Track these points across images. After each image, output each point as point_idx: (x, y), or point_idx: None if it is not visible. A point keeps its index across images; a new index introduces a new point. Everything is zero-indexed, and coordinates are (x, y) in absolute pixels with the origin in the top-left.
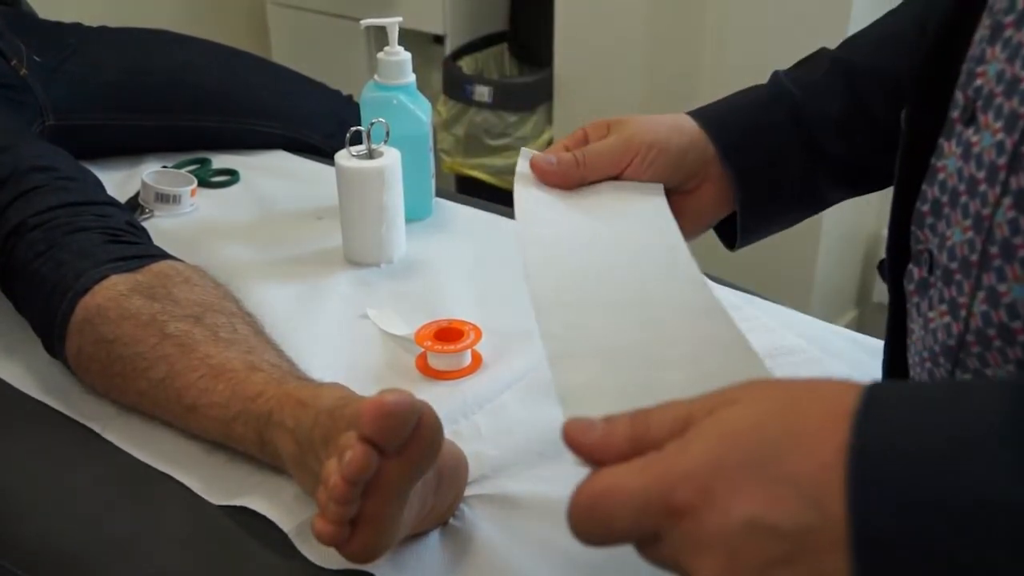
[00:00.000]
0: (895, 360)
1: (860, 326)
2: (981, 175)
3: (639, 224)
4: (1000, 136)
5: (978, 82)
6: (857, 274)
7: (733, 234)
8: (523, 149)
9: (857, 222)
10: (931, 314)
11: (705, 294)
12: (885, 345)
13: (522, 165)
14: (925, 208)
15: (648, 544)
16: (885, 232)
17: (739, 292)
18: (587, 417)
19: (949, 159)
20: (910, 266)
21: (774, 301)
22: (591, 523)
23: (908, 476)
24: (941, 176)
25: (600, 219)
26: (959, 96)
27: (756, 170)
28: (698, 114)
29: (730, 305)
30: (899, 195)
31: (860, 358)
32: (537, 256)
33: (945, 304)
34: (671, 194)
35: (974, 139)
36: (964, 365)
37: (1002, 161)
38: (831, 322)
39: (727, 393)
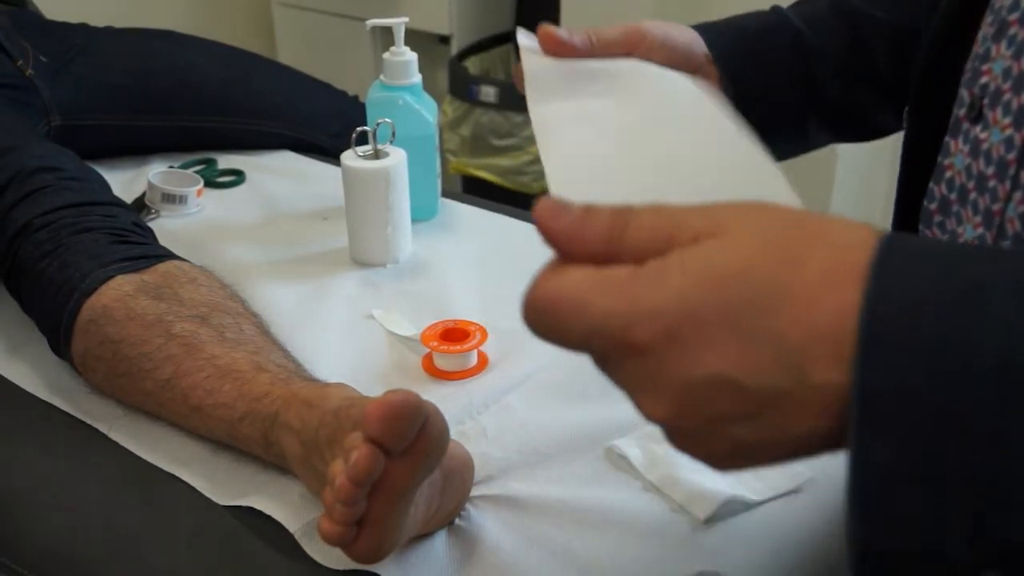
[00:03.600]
0: None
1: None
2: (990, 171)
3: (671, 85)
4: (1009, 132)
5: (984, 79)
6: None
7: None
8: (520, 28)
9: (864, 219)
10: None
11: (742, 141)
12: None
13: (525, 40)
14: (933, 206)
15: (599, 361)
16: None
17: None
18: (563, 200)
19: (956, 157)
20: None
21: None
22: (543, 326)
23: (924, 355)
24: (948, 174)
25: (630, 83)
26: (964, 94)
27: (750, 88)
28: (699, 25)
29: None
30: (903, 194)
31: None
32: (558, 139)
33: None
34: None
35: (982, 136)
36: None
37: (1011, 156)
38: None
39: (718, 215)
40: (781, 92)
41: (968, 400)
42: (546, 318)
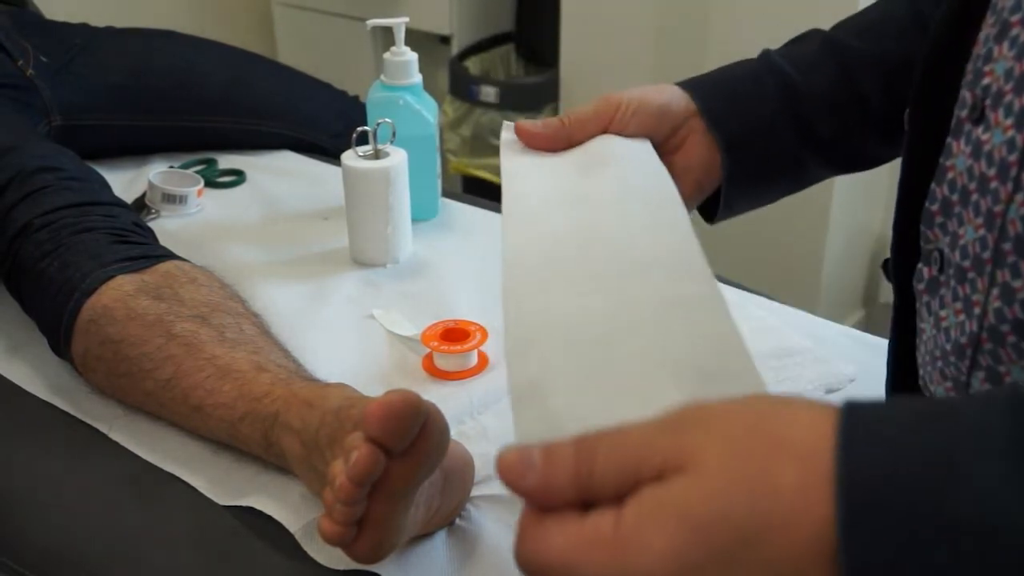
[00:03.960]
0: (901, 359)
1: (867, 326)
2: (992, 172)
3: (627, 173)
4: (1011, 133)
5: (986, 80)
6: (864, 274)
7: (713, 208)
8: (505, 122)
9: (864, 222)
10: (943, 312)
11: (691, 256)
12: (890, 344)
13: (507, 134)
14: (934, 207)
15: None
16: (891, 232)
17: (745, 292)
18: (523, 449)
19: (958, 158)
20: (919, 265)
21: (780, 301)
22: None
23: (901, 549)
24: (950, 175)
25: (587, 169)
26: (966, 95)
27: (742, 135)
28: (683, 82)
29: (734, 304)
30: (904, 195)
31: (867, 358)
32: (519, 221)
33: (959, 302)
34: (659, 153)
35: (984, 137)
36: (977, 362)
37: (1013, 157)
38: (838, 322)
39: (680, 440)
40: (772, 138)
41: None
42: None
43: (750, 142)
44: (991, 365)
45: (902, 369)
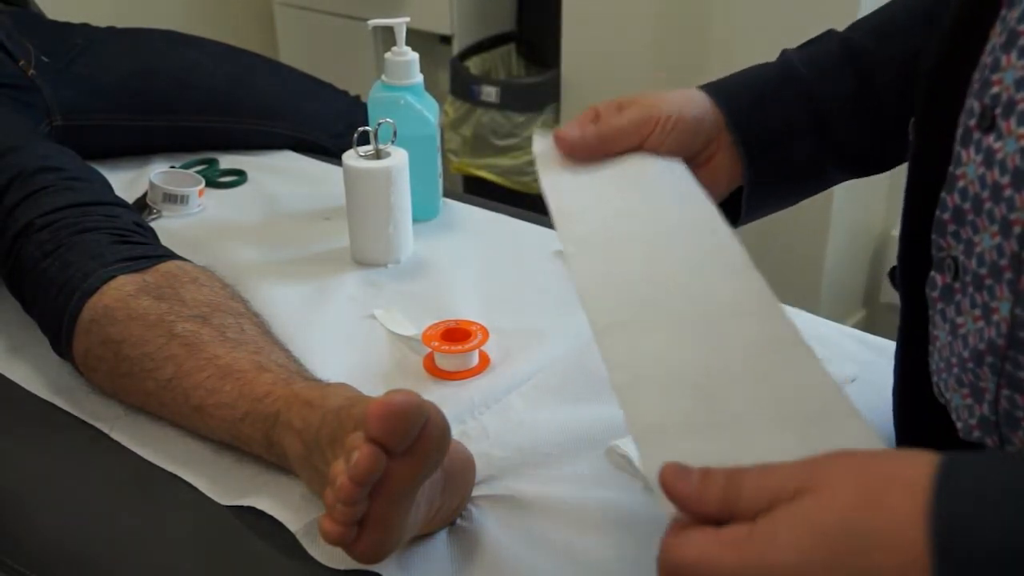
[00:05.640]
0: (911, 366)
1: (869, 326)
2: (1006, 180)
3: (675, 204)
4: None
5: (995, 89)
6: (865, 274)
7: (735, 211)
8: (537, 130)
9: (865, 222)
10: (960, 319)
11: (762, 295)
12: (897, 352)
13: (540, 145)
14: (946, 216)
15: None
16: (894, 233)
17: None
18: (684, 466)
19: (968, 166)
20: (932, 273)
21: (782, 301)
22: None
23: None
24: (961, 183)
25: (638, 197)
26: (975, 104)
27: (764, 143)
28: (708, 87)
29: None
30: (912, 204)
31: (869, 358)
32: (584, 255)
33: (978, 309)
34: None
35: (996, 145)
36: (996, 369)
37: None
38: (840, 322)
39: (813, 469)
40: (794, 147)
41: None
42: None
43: (773, 153)
44: (1012, 372)
45: (911, 377)
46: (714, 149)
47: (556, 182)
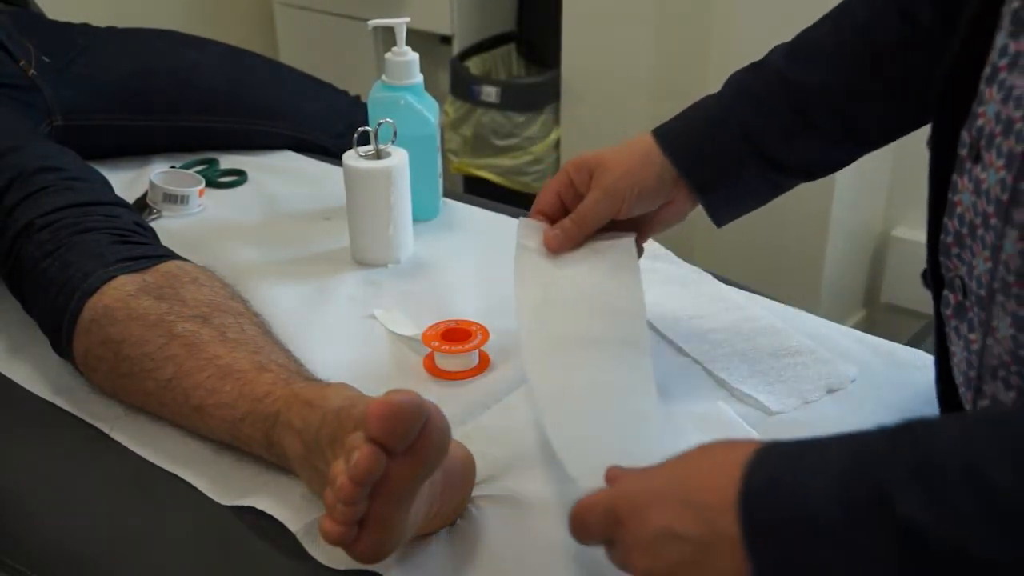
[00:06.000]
0: (944, 377)
1: (868, 327)
2: (991, 209)
3: (613, 297)
4: (1002, 173)
5: (980, 122)
6: (865, 274)
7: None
8: (521, 219)
9: (864, 222)
10: (972, 336)
11: (639, 358)
12: (936, 363)
13: (523, 236)
14: (949, 240)
15: (610, 548)
16: (894, 233)
17: (746, 292)
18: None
19: (963, 194)
20: (945, 292)
21: (782, 302)
22: (575, 527)
23: (776, 510)
24: (959, 210)
25: (582, 289)
26: (965, 135)
27: (714, 182)
28: (661, 135)
29: (735, 305)
30: (928, 226)
31: (868, 358)
32: (530, 321)
33: (984, 327)
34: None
35: (982, 176)
36: (1008, 383)
37: (1005, 196)
38: (839, 322)
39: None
40: (743, 179)
41: (805, 528)
42: (576, 521)
43: (724, 188)
44: (1020, 385)
45: (946, 387)
46: (675, 193)
47: (524, 269)
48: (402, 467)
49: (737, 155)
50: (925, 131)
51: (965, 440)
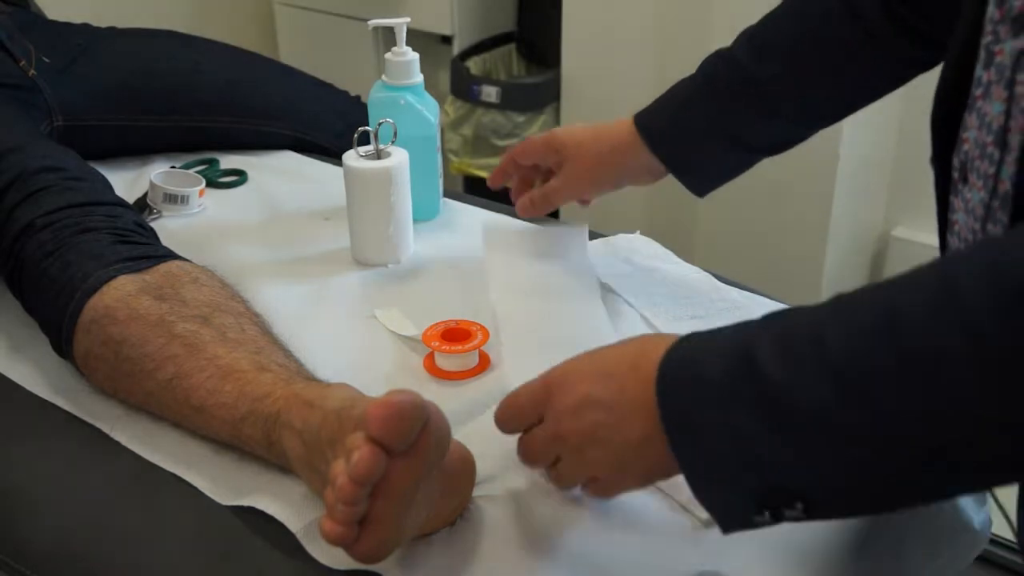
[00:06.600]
0: None
1: None
2: (977, 227)
3: (569, 279)
4: (982, 194)
5: (965, 147)
6: (865, 274)
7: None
8: (484, 231)
9: (865, 222)
10: None
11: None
12: None
13: (488, 236)
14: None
15: (552, 468)
16: (894, 233)
17: (746, 292)
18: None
19: (959, 213)
20: None
21: (782, 302)
22: (508, 408)
23: (679, 376)
24: (956, 227)
25: (541, 269)
26: (955, 159)
27: (690, 163)
28: (642, 126)
29: (735, 305)
30: (940, 240)
31: None
32: (504, 307)
33: None
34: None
35: (968, 196)
36: None
37: (983, 215)
38: None
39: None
40: (717, 157)
41: (698, 387)
42: (507, 404)
43: (700, 168)
44: None
45: None
46: (644, 176)
47: (494, 257)
48: (402, 467)
49: (711, 139)
50: (926, 131)
51: (818, 313)
